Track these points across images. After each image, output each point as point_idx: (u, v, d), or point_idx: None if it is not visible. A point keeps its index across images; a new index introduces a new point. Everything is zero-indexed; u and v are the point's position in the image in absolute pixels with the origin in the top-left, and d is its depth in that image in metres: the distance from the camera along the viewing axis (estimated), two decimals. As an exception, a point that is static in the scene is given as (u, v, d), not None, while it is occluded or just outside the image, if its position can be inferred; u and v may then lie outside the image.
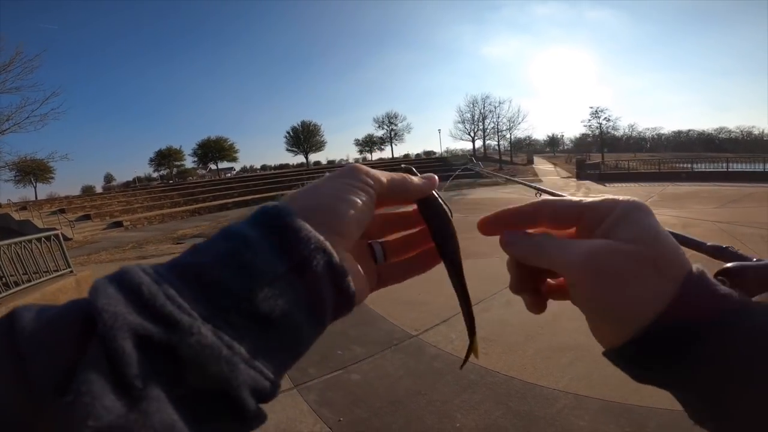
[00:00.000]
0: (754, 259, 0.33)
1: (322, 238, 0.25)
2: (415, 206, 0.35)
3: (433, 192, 0.34)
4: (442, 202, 0.34)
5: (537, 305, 0.34)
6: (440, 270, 0.36)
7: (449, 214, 0.34)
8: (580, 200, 0.30)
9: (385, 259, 0.35)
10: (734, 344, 0.23)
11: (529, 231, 0.32)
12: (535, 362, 3.07)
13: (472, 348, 0.37)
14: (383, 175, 0.32)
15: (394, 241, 0.36)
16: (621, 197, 0.29)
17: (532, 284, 0.33)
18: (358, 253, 0.32)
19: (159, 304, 0.19)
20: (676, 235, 0.46)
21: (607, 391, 2.60)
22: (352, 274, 0.27)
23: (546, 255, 0.29)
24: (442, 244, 0.34)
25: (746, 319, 0.24)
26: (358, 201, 0.28)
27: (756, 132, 75.68)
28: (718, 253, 0.40)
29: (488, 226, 0.33)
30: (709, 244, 0.43)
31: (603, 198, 0.30)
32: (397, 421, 2.55)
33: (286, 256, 0.24)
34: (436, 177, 0.35)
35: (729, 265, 0.31)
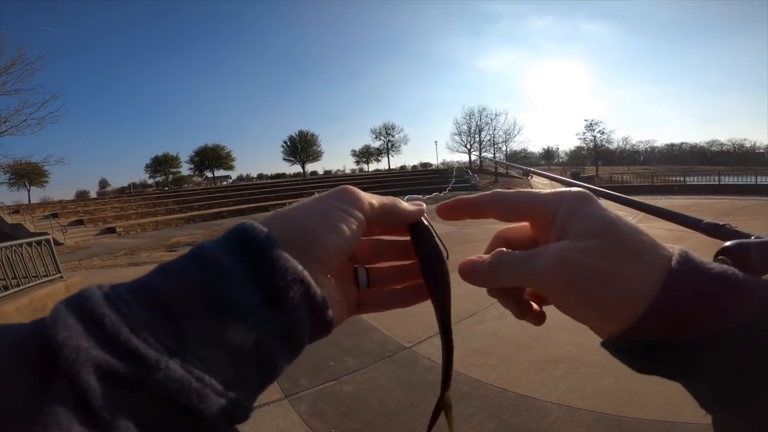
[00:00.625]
0: (753, 237, 0.31)
1: (300, 268, 0.24)
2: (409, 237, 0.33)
3: (426, 223, 0.33)
4: (438, 240, 0.32)
5: (538, 316, 0.34)
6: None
7: (444, 254, 0.32)
8: (531, 194, 0.30)
9: (368, 285, 0.33)
10: (749, 337, 0.23)
11: (483, 256, 0.31)
12: (528, 374, 3.06)
13: (442, 405, 0.35)
14: (374, 199, 0.31)
15: (382, 269, 0.35)
16: (565, 190, 0.29)
17: (516, 297, 0.33)
18: (341, 274, 0.31)
19: (123, 338, 0.19)
20: (673, 213, 0.45)
21: (600, 404, 2.59)
22: (332, 301, 0.27)
23: (510, 274, 0.29)
24: (430, 286, 0.32)
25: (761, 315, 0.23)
26: (344, 227, 0.27)
27: (747, 145, 76.84)
28: (715, 230, 0.38)
29: (448, 212, 0.33)
30: (705, 221, 0.41)
31: (548, 192, 0.30)
32: (388, 434, 2.52)
33: (262, 287, 0.23)
34: (424, 205, 0.34)
35: (728, 243, 0.30)
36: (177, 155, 64.50)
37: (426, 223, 0.33)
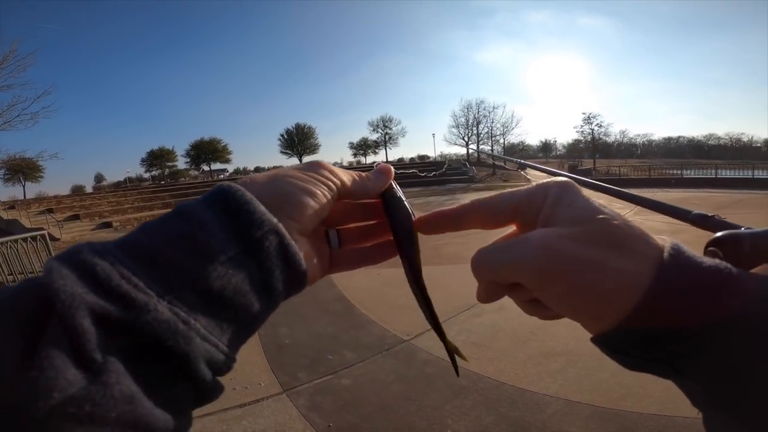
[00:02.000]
0: (743, 228, 0.30)
1: (275, 220, 0.26)
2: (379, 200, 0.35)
3: (395, 189, 0.35)
4: (406, 202, 0.35)
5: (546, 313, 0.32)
6: (431, 275, 0.35)
7: (411, 213, 0.34)
8: (511, 193, 0.29)
9: (339, 245, 0.35)
10: (742, 335, 0.22)
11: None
12: (526, 368, 3.07)
13: (449, 349, 0.38)
14: (345, 175, 0.33)
15: (352, 229, 0.36)
16: (548, 180, 0.29)
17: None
18: (314, 235, 0.33)
19: (114, 283, 0.20)
20: (662, 205, 0.45)
21: (598, 397, 2.60)
22: (306, 257, 0.28)
23: (489, 268, 0.27)
24: (401, 243, 0.34)
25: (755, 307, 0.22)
26: (318, 191, 0.29)
27: (745, 139, 77.08)
28: (704, 221, 0.37)
29: (426, 227, 0.33)
30: (694, 212, 0.40)
31: (531, 186, 0.29)
32: (387, 427, 2.53)
33: (239, 236, 0.24)
34: (391, 167, 0.36)
35: (720, 234, 0.29)
36: (173, 149, 64.23)
37: (395, 187, 0.35)
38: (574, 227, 0.25)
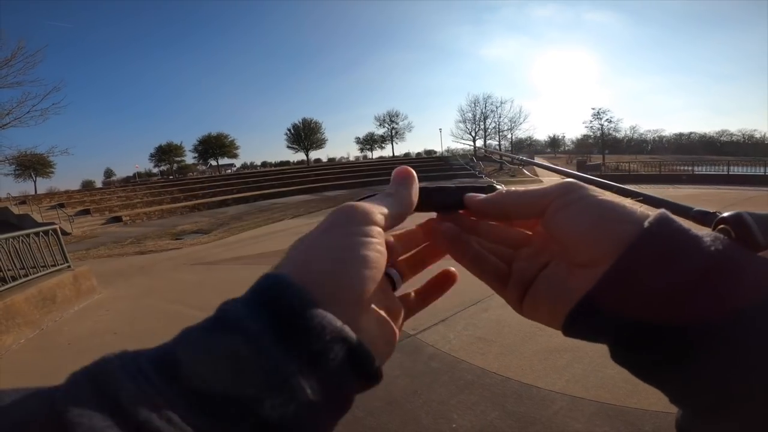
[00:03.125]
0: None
1: (339, 324, 0.21)
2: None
3: (419, 186, 0.33)
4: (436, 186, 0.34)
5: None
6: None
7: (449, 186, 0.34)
8: (542, 190, 0.30)
9: (402, 280, 0.33)
10: (745, 330, 0.21)
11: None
12: (532, 363, 3.07)
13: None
14: (384, 206, 0.28)
15: (405, 260, 0.34)
16: (560, 182, 0.30)
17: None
18: (379, 290, 0.28)
19: (142, 418, 0.16)
20: (659, 200, 0.45)
21: (603, 394, 2.60)
22: (376, 341, 0.25)
23: (514, 199, 0.31)
24: (455, 200, 0.33)
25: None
26: (370, 254, 0.24)
27: (758, 135, 75.69)
28: (705, 218, 0.38)
29: (477, 207, 0.33)
30: (696, 209, 0.41)
31: (541, 187, 0.30)
32: (392, 421, 2.54)
33: (295, 352, 0.20)
34: (408, 168, 0.32)
35: (727, 213, 0.29)
36: (181, 144, 64.65)
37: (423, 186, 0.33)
38: (585, 202, 0.28)
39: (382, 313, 0.28)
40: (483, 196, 0.32)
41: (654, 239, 0.24)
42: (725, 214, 0.28)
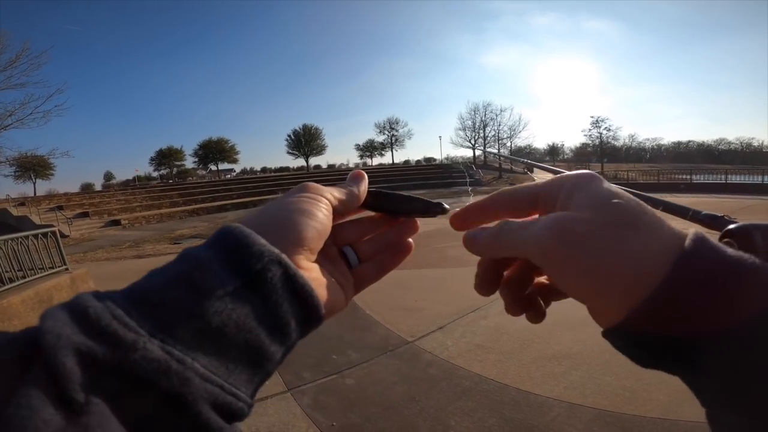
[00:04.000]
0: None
1: (277, 251, 0.25)
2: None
3: (373, 189, 0.36)
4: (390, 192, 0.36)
5: (537, 314, 0.33)
6: (436, 277, 0.36)
7: (435, 203, 0.36)
8: (533, 184, 0.30)
9: (359, 261, 0.35)
10: (762, 330, 0.20)
11: (489, 225, 0.31)
12: (530, 370, 3.06)
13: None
14: (333, 190, 0.33)
15: (364, 244, 0.36)
16: (568, 173, 0.29)
17: (516, 290, 0.33)
18: (330, 259, 0.33)
19: (104, 323, 0.19)
20: (667, 203, 0.44)
21: (601, 401, 2.60)
22: (321, 285, 0.28)
23: (508, 239, 0.28)
24: (407, 207, 0.36)
25: None
26: (315, 211, 0.29)
27: (755, 144, 76.04)
28: (714, 222, 0.36)
29: (461, 222, 0.33)
30: (704, 212, 0.39)
31: (554, 177, 0.29)
32: (390, 427, 2.54)
33: (238, 271, 0.23)
34: (362, 171, 0.36)
35: (733, 226, 0.27)
36: (181, 148, 64.67)
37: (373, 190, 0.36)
38: (590, 211, 0.25)
39: (331, 277, 0.31)
40: (480, 200, 0.33)
41: (679, 295, 0.22)
42: (732, 227, 0.27)
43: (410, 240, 0.37)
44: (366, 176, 0.36)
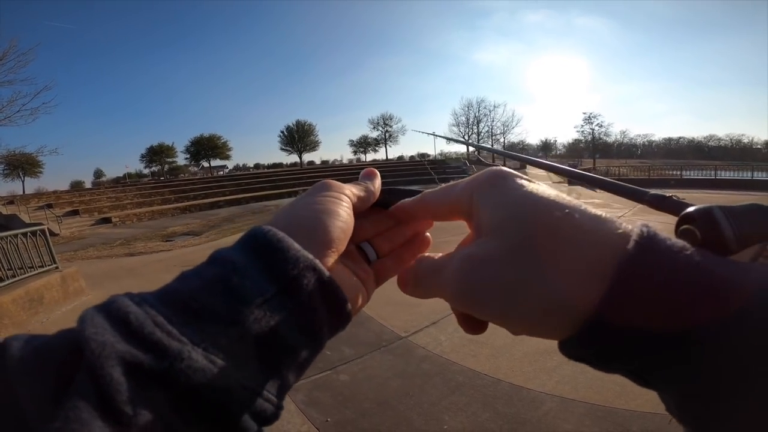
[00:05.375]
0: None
1: (311, 256, 0.25)
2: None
3: (383, 187, 0.36)
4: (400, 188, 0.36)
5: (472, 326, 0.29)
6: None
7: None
8: (450, 189, 0.28)
9: (378, 256, 0.35)
10: (733, 345, 0.17)
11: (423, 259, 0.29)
12: (522, 365, 3.09)
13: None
14: (352, 187, 0.32)
15: (381, 238, 0.36)
16: (477, 174, 0.26)
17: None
18: (351, 257, 0.32)
19: (147, 331, 0.19)
20: (614, 184, 0.41)
21: (592, 395, 2.63)
22: (345, 284, 0.27)
23: (425, 285, 0.28)
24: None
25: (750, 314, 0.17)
26: (339, 210, 0.29)
27: (745, 140, 76.94)
28: (661, 203, 0.32)
29: (398, 211, 0.34)
30: (651, 193, 0.35)
31: (466, 180, 0.27)
32: (384, 423, 2.55)
33: (275, 277, 0.23)
34: (374, 169, 0.36)
35: (692, 209, 0.23)
36: (173, 145, 64.10)
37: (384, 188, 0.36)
38: (492, 235, 0.22)
39: (353, 276, 0.31)
40: (408, 200, 0.33)
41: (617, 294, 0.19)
42: (691, 209, 0.23)
43: (428, 234, 0.36)
44: (378, 173, 0.36)
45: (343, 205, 0.29)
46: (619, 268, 0.19)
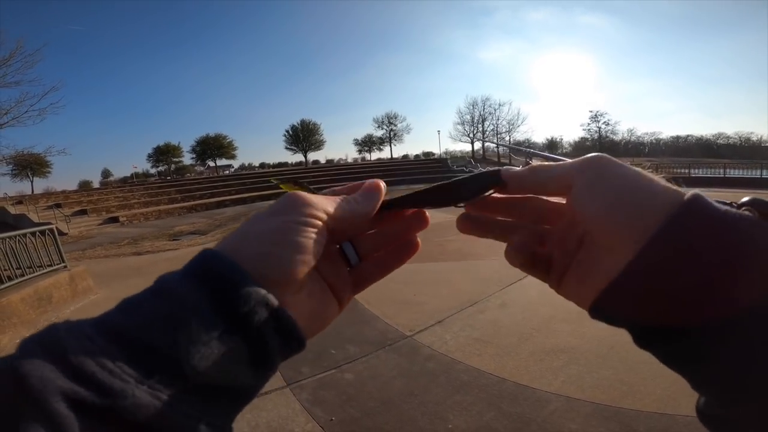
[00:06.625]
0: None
1: (263, 292, 0.24)
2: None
3: (386, 198, 0.32)
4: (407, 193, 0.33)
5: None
6: (435, 271, 0.36)
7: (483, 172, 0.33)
8: (562, 166, 0.29)
9: (360, 259, 0.33)
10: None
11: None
12: (528, 364, 3.08)
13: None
14: (329, 203, 0.29)
15: (367, 237, 0.34)
16: (580, 158, 0.29)
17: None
18: (329, 261, 0.31)
19: (89, 371, 0.19)
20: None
21: (598, 394, 2.61)
22: (307, 315, 0.28)
23: (544, 169, 0.30)
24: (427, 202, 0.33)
25: None
26: (302, 240, 0.26)
27: (754, 138, 76.03)
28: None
29: (515, 180, 0.31)
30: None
31: (559, 163, 0.30)
32: (389, 422, 2.55)
33: (225, 314, 0.23)
34: (382, 183, 0.32)
35: (746, 199, 0.26)
36: (179, 145, 64.45)
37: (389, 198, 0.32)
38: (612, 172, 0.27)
39: (324, 285, 0.31)
40: (518, 168, 0.31)
41: (681, 229, 0.23)
42: (745, 199, 0.25)
43: (417, 237, 0.35)
44: (383, 189, 0.32)
45: (308, 231, 0.27)
46: (662, 225, 0.24)
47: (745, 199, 0.25)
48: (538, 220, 0.33)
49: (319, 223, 0.28)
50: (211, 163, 63.24)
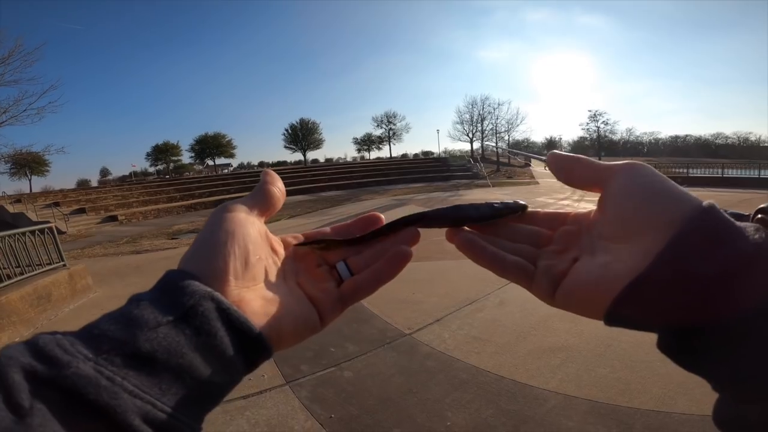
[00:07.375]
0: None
1: (209, 289, 0.28)
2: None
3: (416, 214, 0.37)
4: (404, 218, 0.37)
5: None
6: (434, 269, 0.37)
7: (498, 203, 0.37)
8: (605, 163, 0.33)
9: (351, 273, 0.36)
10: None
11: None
12: (526, 362, 3.10)
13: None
14: (248, 198, 0.37)
15: (361, 256, 0.37)
16: (619, 162, 0.32)
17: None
18: (312, 277, 0.35)
19: (47, 349, 0.23)
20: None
21: (596, 393, 2.63)
22: (266, 313, 0.30)
23: (588, 161, 0.34)
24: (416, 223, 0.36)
25: None
26: (220, 234, 0.31)
27: (752, 138, 76.10)
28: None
29: (560, 162, 0.36)
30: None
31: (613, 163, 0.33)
32: (388, 419, 2.56)
33: (174, 307, 0.26)
34: (380, 215, 0.39)
35: (765, 204, 0.29)
36: (177, 143, 64.33)
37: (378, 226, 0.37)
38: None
39: (300, 292, 0.34)
40: (565, 153, 0.35)
41: (709, 221, 0.25)
42: (763, 205, 0.28)
43: (410, 249, 0.36)
44: (273, 174, 0.40)
45: (227, 221, 0.32)
46: (693, 215, 0.26)
47: (763, 205, 0.27)
48: (532, 244, 0.36)
49: (242, 214, 0.34)
50: (210, 162, 63.14)
